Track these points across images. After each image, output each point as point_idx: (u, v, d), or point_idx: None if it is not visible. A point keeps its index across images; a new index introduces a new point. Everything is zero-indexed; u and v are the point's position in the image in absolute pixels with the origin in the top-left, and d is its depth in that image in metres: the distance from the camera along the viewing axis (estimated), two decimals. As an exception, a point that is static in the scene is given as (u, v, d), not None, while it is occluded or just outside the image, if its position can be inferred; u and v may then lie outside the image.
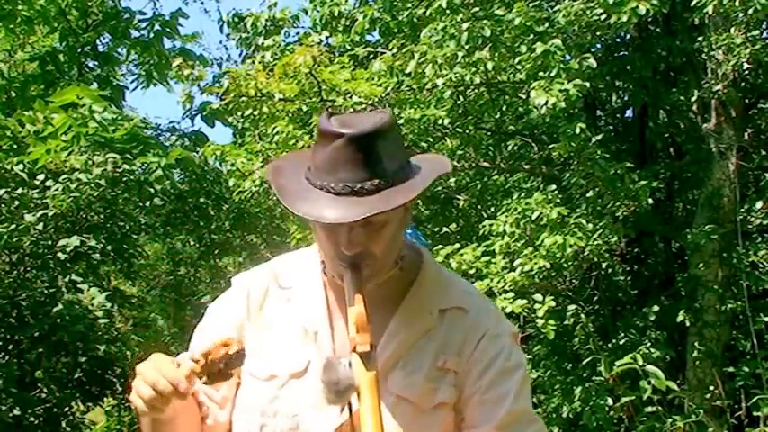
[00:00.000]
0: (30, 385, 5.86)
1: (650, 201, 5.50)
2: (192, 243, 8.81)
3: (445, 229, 7.34)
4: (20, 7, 8.30)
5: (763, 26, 5.96)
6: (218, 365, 1.30)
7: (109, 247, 6.03)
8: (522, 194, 5.70)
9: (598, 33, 5.68)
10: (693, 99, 6.24)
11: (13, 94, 8.37)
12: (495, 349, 1.44)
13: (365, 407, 1.26)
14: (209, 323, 1.55)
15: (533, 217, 5.25)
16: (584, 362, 5.46)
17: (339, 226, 1.35)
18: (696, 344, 5.81)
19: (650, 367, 4.13)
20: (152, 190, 6.05)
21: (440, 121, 6.00)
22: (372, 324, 1.33)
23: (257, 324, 1.49)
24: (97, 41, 9.16)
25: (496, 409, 1.40)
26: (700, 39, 5.77)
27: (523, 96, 5.82)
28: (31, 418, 5.82)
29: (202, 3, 18.51)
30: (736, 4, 5.02)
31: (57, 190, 5.55)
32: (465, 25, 5.30)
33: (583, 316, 5.86)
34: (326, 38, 6.88)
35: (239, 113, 6.46)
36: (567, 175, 5.60)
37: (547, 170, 6.32)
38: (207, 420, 1.49)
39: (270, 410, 1.43)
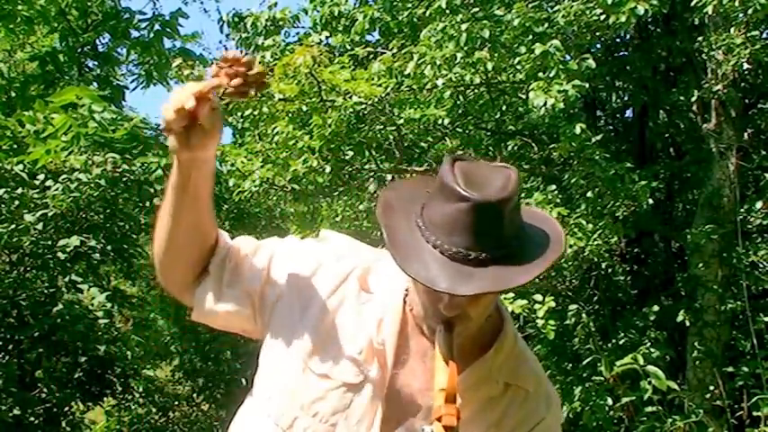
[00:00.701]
0: (30, 385, 5.86)
1: (650, 201, 5.50)
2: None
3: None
4: (20, 7, 8.29)
5: (763, 26, 5.95)
6: (241, 80, 1.31)
7: (109, 247, 6.03)
8: (522, 194, 5.70)
9: (597, 34, 5.68)
10: (693, 99, 6.24)
11: (13, 94, 8.37)
12: None
13: None
14: (270, 250, 1.50)
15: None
16: (585, 362, 5.46)
17: None
18: (696, 344, 5.82)
19: (651, 367, 4.13)
20: (152, 190, 6.05)
21: (440, 121, 6.00)
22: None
23: (323, 305, 1.43)
24: (97, 41, 9.16)
25: None
26: (700, 39, 5.77)
27: (523, 96, 5.82)
28: (31, 418, 5.82)
29: (202, 2, 18.49)
30: (736, 4, 5.03)
31: (57, 190, 5.54)
32: (464, 26, 5.30)
33: (584, 316, 5.87)
34: (326, 38, 6.89)
35: (239, 113, 6.47)
36: (567, 175, 5.60)
37: (547, 170, 6.32)
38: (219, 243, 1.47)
39: (310, 408, 1.40)
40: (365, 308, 1.43)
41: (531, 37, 5.25)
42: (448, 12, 5.56)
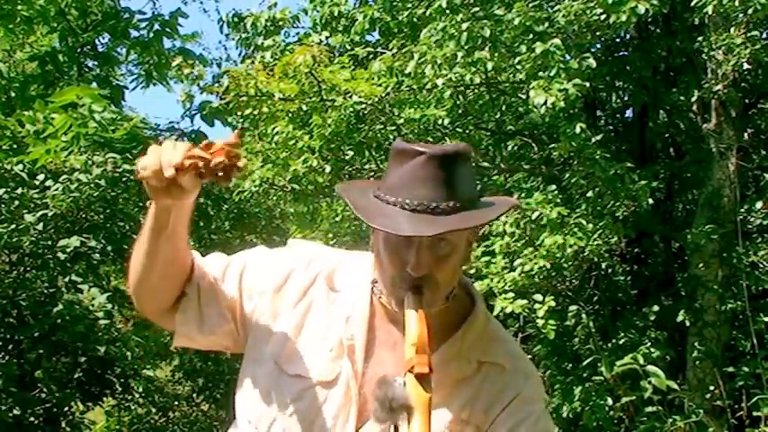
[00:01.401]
0: (30, 385, 5.85)
1: (650, 201, 5.50)
2: (191, 243, 8.80)
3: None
4: (19, 7, 8.29)
5: (763, 26, 5.95)
6: (215, 167, 1.27)
7: (109, 247, 6.03)
8: (522, 194, 5.70)
9: (598, 33, 5.67)
10: (693, 99, 6.23)
11: (13, 94, 8.37)
12: (525, 412, 1.43)
13: (416, 427, 1.26)
14: (241, 262, 1.53)
15: (533, 217, 5.25)
16: (585, 362, 5.46)
17: (408, 247, 1.35)
18: (696, 344, 5.81)
19: (651, 367, 4.13)
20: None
21: (440, 121, 5.99)
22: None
23: (293, 312, 1.47)
24: (97, 41, 9.16)
25: None
26: (700, 39, 5.77)
27: (523, 96, 5.82)
28: (31, 418, 5.82)
29: (201, 2, 18.53)
30: (736, 4, 5.02)
31: (57, 190, 5.54)
32: (465, 25, 5.30)
33: (584, 316, 5.86)
34: (326, 38, 6.89)
35: (239, 113, 6.47)
36: (567, 175, 5.60)
37: (547, 170, 6.32)
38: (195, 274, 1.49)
39: (287, 409, 1.42)
40: (334, 306, 1.47)
41: (531, 36, 5.25)
42: (448, 11, 5.55)
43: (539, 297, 5.23)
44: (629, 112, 7.51)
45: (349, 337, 1.44)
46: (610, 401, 5.37)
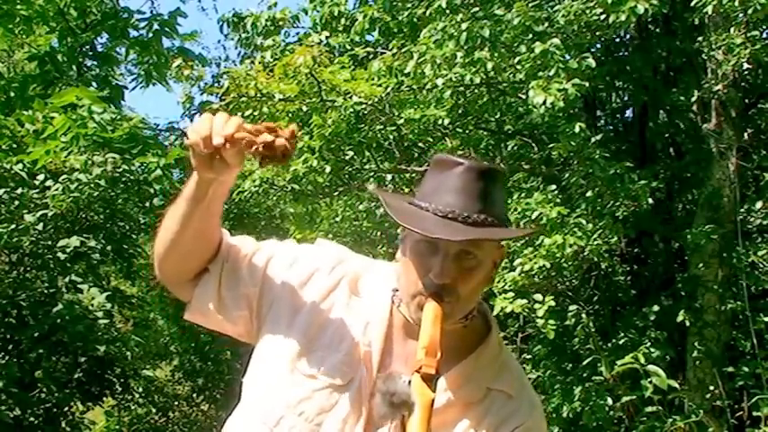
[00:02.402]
0: (30, 385, 5.85)
1: (650, 201, 5.49)
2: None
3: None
4: (18, 7, 8.29)
5: (763, 26, 5.95)
6: (278, 147, 1.28)
7: (109, 247, 6.03)
8: (522, 194, 5.70)
9: (598, 33, 5.67)
10: (693, 99, 6.24)
11: (12, 95, 8.36)
12: None
13: (414, 425, 1.27)
14: (268, 253, 1.52)
15: (533, 217, 5.25)
16: (585, 362, 5.46)
17: (434, 254, 1.35)
18: (696, 344, 5.81)
19: (651, 367, 4.13)
20: (152, 190, 6.05)
21: (440, 121, 6.00)
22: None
23: (314, 310, 1.46)
24: (96, 41, 9.16)
25: None
26: (700, 39, 5.77)
27: (523, 96, 5.82)
28: (31, 418, 5.83)
29: (199, 1, 18.51)
30: (736, 4, 5.02)
31: (57, 190, 5.54)
32: (464, 25, 5.29)
33: (584, 316, 5.86)
34: (326, 38, 6.88)
35: (239, 114, 6.46)
36: (567, 175, 5.60)
37: (547, 170, 6.32)
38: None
39: (296, 407, 1.41)
40: (354, 311, 1.46)
41: (531, 36, 5.25)
42: (448, 11, 5.55)
43: (538, 297, 5.23)
44: (629, 112, 7.51)
45: (366, 343, 1.43)
46: (610, 401, 5.37)
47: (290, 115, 6.12)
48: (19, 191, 5.54)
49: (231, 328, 1.51)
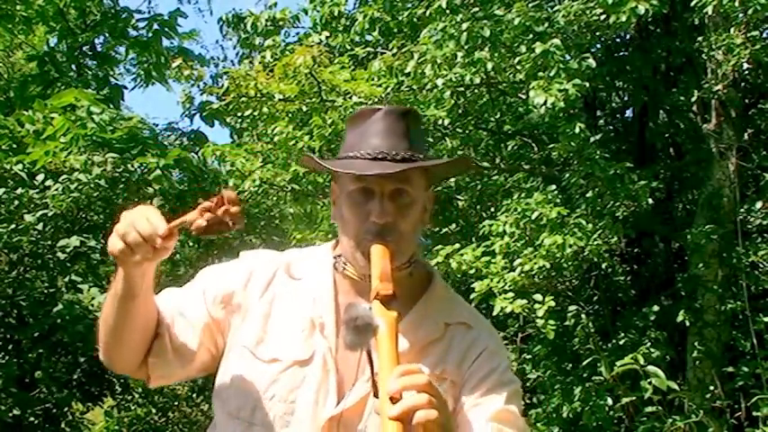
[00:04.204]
0: (30, 385, 5.86)
1: (650, 201, 5.49)
2: (190, 244, 8.82)
3: (445, 229, 7.33)
4: (18, 7, 8.28)
5: (763, 26, 5.95)
6: (213, 223, 1.33)
7: (108, 247, 6.02)
8: (522, 194, 5.70)
9: (598, 33, 5.67)
10: (693, 99, 6.23)
11: (12, 95, 8.36)
12: (493, 364, 1.50)
13: (383, 345, 1.30)
14: (199, 282, 1.58)
15: (533, 217, 5.25)
16: (585, 362, 5.46)
17: (370, 199, 1.42)
18: (696, 344, 5.81)
19: (651, 367, 4.13)
20: (151, 190, 6.05)
21: (440, 121, 5.99)
22: None
23: (259, 303, 1.52)
24: (95, 41, 9.15)
25: (489, 407, 1.45)
26: (700, 39, 5.76)
27: (523, 96, 5.82)
28: (31, 418, 5.83)
29: (197, 2, 18.53)
30: (736, 4, 5.02)
31: (56, 190, 5.55)
32: (464, 25, 5.29)
33: (584, 316, 5.86)
34: (326, 38, 6.88)
35: (238, 113, 6.46)
36: (567, 175, 5.59)
37: (547, 170, 6.31)
38: (162, 337, 1.51)
39: (265, 393, 1.45)
40: (298, 292, 1.52)
41: (531, 36, 5.25)
42: (448, 11, 5.55)
43: (538, 297, 5.23)
44: (629, 112, 7.51)
45: (318, 315, 1.48)
46: (610, 401, 5.37)
47: (289, 115, 6.12)
48: (19, 191, 5.55)
49: (199, 367, 1.56)
